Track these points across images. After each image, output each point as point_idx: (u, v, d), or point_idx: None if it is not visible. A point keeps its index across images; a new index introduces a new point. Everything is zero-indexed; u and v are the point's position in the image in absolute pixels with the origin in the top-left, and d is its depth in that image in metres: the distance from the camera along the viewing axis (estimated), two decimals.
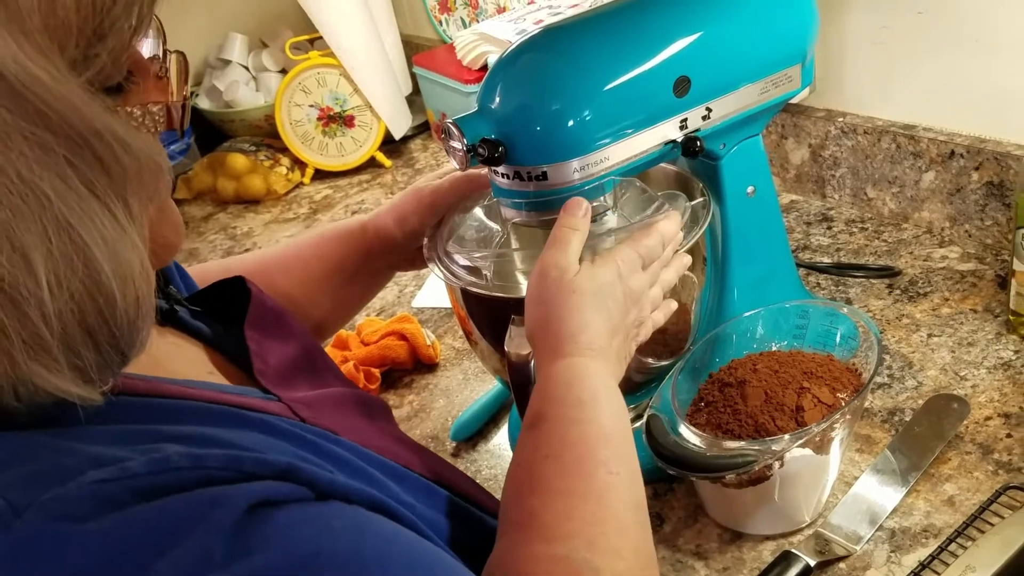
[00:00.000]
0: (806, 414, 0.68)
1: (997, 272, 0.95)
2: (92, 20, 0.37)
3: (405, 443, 0.62)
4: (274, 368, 0.57)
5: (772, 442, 0.65)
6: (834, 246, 1.06)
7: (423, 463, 0.58)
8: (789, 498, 0.70)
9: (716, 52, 0.70)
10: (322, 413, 0.54)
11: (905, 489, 0.71)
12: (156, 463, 0.38)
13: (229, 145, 1.57)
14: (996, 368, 0.83)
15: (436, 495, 0.56)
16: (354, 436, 0.54)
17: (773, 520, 0.71)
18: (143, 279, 0.40)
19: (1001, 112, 0.94)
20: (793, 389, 0.70)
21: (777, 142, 1.16)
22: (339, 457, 0.49)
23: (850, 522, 0.70)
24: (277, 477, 0.41)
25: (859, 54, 1.04)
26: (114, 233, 0.38)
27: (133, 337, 0.40)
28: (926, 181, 1.02)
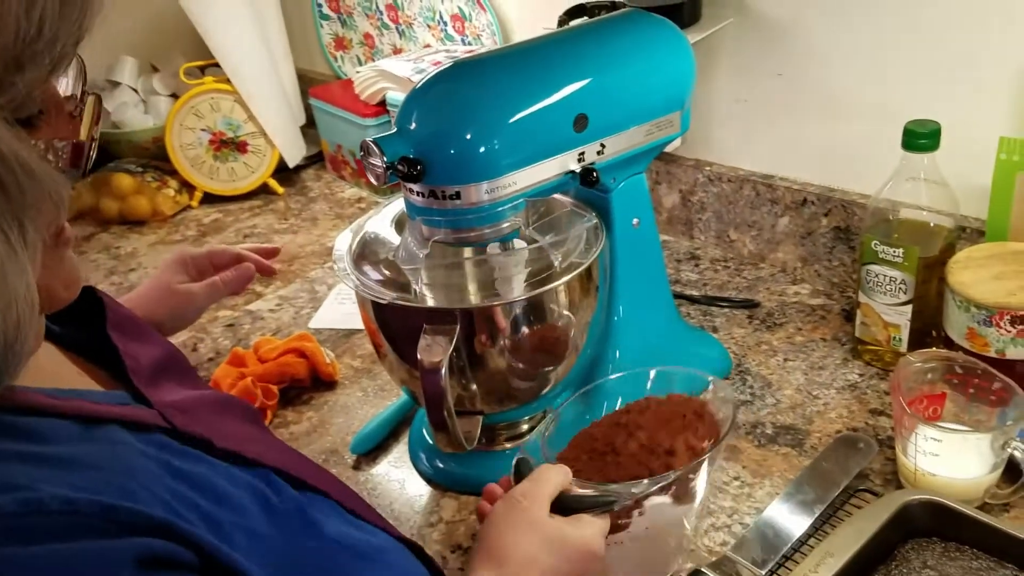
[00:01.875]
0: (675, 459, 0.69)
1: (843, 306, 1.07)
2: (12, 48, 0.37)
3: (283, 448, 0.62)
4: (145, 367, 0.56)
5: (631, 485, 0.67)
6: (701, 281, 1.16)
7: (303, 467, 0.58)
8: (650, 548, 0.72)
9: (610, 95, 0.78)
10: (197, 418, 0.53)
11: (811, 519, 0.75)
12: (28, 504, 0.37)
13: (115, 165, 1.56)
14: (844, 389, 0.93)
15: (318, 502, 0.55)
16: (230, 442, 0.52)
17: (638, 570, 0.73)
18: (27, 303, 0.39)
19: (847, 165, 1.06)
20: (670, 433, 0.72)
21: (652, 187, 1.26)
22: (206, 485, 0.47)
23: (757, 548, 0.74)
24: (154, 532, 0.40)
25: (724, 110, 1.16)
26: (4, 255, 0.38)
27: (8, 360, 0.40)
28: (781, 225, 1.14)
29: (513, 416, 0.86)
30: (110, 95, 1.61)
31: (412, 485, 0.88)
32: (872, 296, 0.92)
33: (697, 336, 1.00)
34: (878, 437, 0.86)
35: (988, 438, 0.75)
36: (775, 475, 0.83)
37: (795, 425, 0.89)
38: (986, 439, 0.75)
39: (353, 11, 1.60)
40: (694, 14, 1.07)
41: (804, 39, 1.04)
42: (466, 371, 0.77)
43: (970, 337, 0.84)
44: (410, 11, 1.49)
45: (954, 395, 0.81)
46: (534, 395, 0.82)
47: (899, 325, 0.91)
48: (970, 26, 0.91)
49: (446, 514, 0.84)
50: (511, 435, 0.88)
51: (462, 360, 0.76)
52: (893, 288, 0.90)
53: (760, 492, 0.82)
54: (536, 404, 0.85)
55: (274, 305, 1.21)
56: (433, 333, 0.72)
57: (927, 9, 0.93)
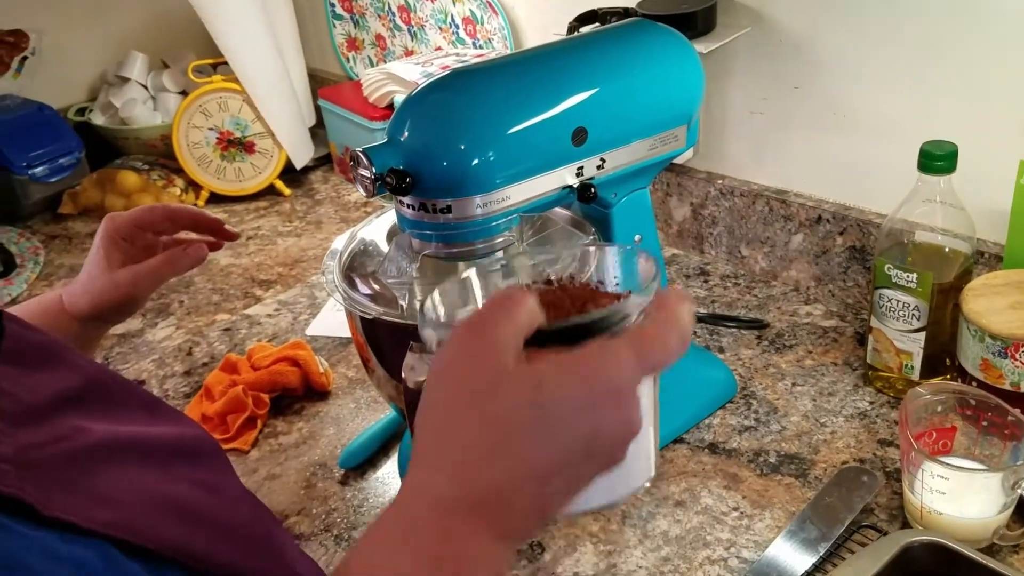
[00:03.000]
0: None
1: (856, 329, 1.03)
2: None
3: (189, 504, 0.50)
4: (37, 402, 0.48)
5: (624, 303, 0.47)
6: (710, 298, 1.13)
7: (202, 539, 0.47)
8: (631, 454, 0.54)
9: (612, 108, 0.75)
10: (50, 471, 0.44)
11: (814, 558, 0.73)
12: None
13: (121, 162, 1.54)
14: (853, 417, 0.90)
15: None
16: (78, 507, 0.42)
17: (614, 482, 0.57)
18: None
19: (864, 183, 1.03)
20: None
21: (662, 199, 1.23)
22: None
23: None
24: None
25: (739, 123, 1.12)
26: None
27: None
28: (795, 243, 1.10)
29: None
30: (118, 91, 1.60)
31: None
32: (884, 321, 0.88)
33: (702, 357, 0.96)
34: (886, 469, 0.82)
35: (998, 477, 0.71)
36: (776, 507, 0.80)
37: (800, 454, 0.86)
38: (996, 478, 0.71)
39: (365, 12, 1.58)
40: (708, 23, 1.04)
41: (821, 52, 1.00)
42: None
43: (984, 368, 0.80)
44: (422, 13, 1.47)
45: (966, 428, 0.78)
46: None
47: (911, 352, 0.88)
48: (992, 47, 0.87)
49: None
50: None
51: None
52: (906, 314, 0.86)
53: (759, 524, 0.78)
54: None
55: (272, 310, 1.19)
56: (420, 351, 0.69)
57: (948, 28, 0.89)
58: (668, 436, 0.89)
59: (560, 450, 0.40)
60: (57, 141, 1.51)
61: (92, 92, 1.72)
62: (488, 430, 0.40)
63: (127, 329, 1.18)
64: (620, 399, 0.41)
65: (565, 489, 0.42)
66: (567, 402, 0.40)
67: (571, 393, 0.40)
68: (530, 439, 0.40)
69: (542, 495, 0.41)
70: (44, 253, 1.41)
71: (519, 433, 0.40)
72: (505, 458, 0.40)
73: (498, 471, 0.40)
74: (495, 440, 0.40)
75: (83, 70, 1.71)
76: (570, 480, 0.42)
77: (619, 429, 0.42)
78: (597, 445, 0.41)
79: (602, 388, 0.40)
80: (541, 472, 0.40)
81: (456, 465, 0.41)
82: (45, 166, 1.49)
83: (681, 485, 0.83)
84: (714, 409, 0.92)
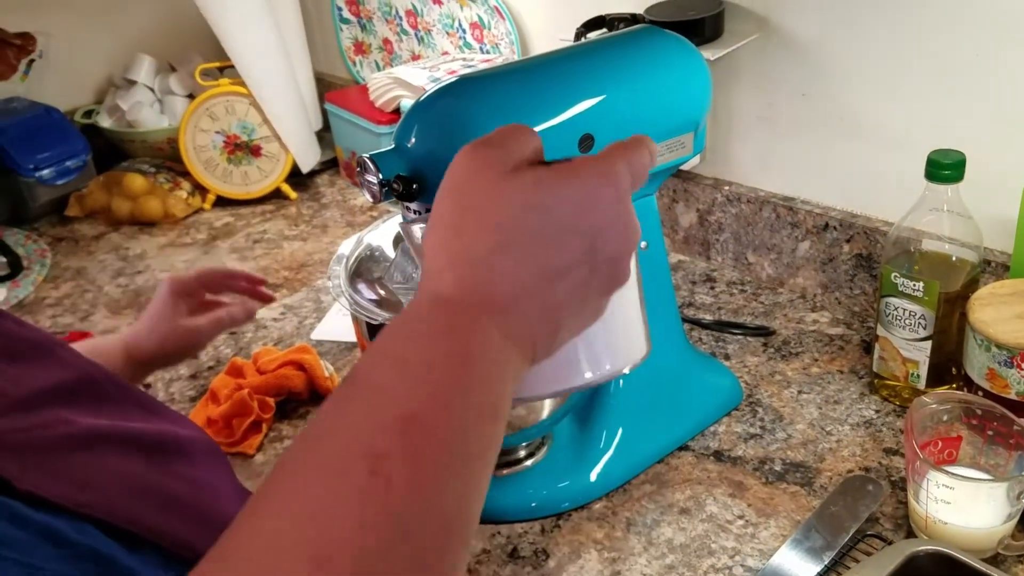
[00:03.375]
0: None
1: (863, 337, 1.03)
2: None
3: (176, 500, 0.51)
4: (21, 392, 0.50)
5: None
6: (716, 304, 1.13)
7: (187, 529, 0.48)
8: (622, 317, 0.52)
9: (619, 115, 0.75)
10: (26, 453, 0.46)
11: (819, 567, 0.73)
12: None
13: (128, 165, 1.55)
14: (859, 425, 0.90)
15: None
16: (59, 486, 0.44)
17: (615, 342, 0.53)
18: None
19: (871, 191, 1.03)
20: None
21: (668, 205, 1.23)
22: None
23: None
24: None
25: (746, 129, 1.12)
26: None
27: None
28: (802, 250, 1.10)
29: (509, 443, 0.83)
30: (126, 93, 1.61)
31: None
32: (891, 330, 0.88)
33: (707, 364, 0.96)
34: (891, 478, 0.82)
35: (1004, 487, 0.71)
36: (781, 515, 0.80)
37: (805, 462, 0.85)
38: (1001, 488, 0.71)
39: (373, 16, 1.59)
40: (716, 29, 1.04)
41: (829, 59, 1.00)
42: None
43: (990, 377, 0.80)
44: (429, 17, 1.47)
45: (971, 437, 0.78)
46: (530, 421, 0.80)
47: (918, 361, 0.88)
48: (1000, 56, 0.87)
49: None
50: (508, 461, 0.86)
51: None
52: (912, 323, 0.86)
53: (765, 533, 0.78)
54: (534, 430, 0.82)
55: (278, 314, 1.19)
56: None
57: (957, 36, 0.89)
58: (673, 443, 0.89)
59: (563, 250, 0.41)
60: (64, 144, 1.51)
61: (99, 95, 1.72)
62: (492, 232, 0.40)
63: None
64: (618, 200, 0.42)
65: (573, 298, 0.42)
66: (567, 200, 0.41)
67: (570, 192, 0.41)
68: (533, 237, 0.40)
69: (549, 298, 0.41)
70: (51, 255, 1.42)
71: (522, 232, 0.40)
72: (508, 257, 0.40)
73: (503, 269, 0.40)
74: (498, 240, 0.40)
75: (90, 73, 1.72)
76: (577, 287, 0.42)
77: (620, 233, 0.42)
78: (600, 249, 0.42)
79: (599, 187, 0.41)
80: (545, 271, 0.40)
81: (461, 267, 0.41)
82: (52, 168, 1.49)
83: (686, 492, 0.83)
84: (720, 416, 0.92)
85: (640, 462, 0.86)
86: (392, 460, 0.33)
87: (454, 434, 0.36)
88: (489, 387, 0.38)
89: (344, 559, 0.31)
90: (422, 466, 0.34)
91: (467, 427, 0.37)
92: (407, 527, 0.33)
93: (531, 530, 0.81)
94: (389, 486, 0.33)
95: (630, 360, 0.51)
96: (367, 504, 0.33)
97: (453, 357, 0.38)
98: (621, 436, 0.85)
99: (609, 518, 0.82)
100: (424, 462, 0.34)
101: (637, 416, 0.86)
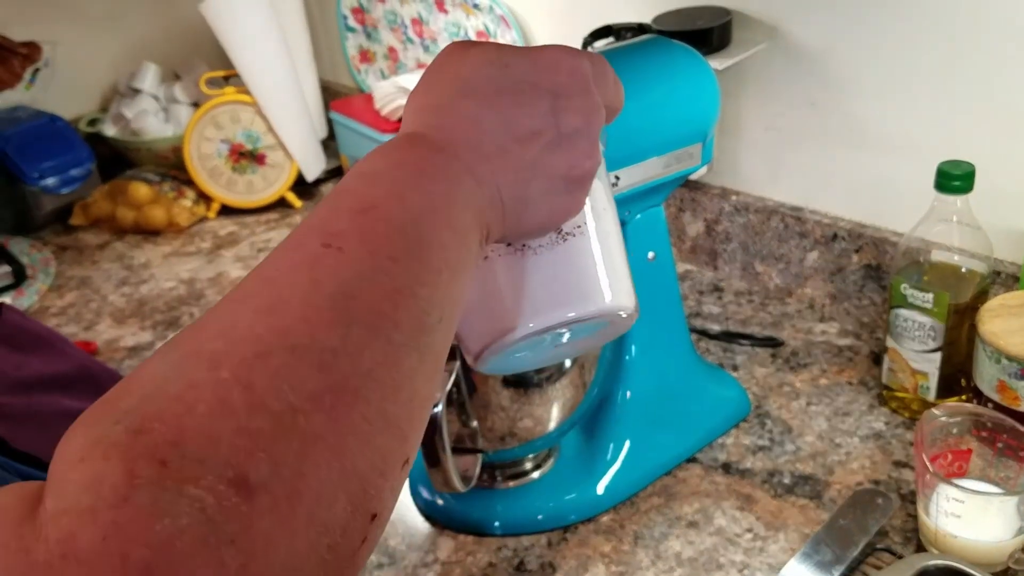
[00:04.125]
0: None
1: (872, 348, 1.02)
2: None
3: None
4: (22, 376, 0.54)
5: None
6: (723, 315, 1.12)
7: None
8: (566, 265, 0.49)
9: (626, 126, 0.74)
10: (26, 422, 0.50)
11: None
12: None
13: (132, 174, 1.55)
14: (868, 438, 0.89)
15: None
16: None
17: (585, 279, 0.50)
18: None
19: (880, 201, 1.02)
20: None
21: (675, 214, 1.22)
22: None
23: None
24: None
25: (754, 138, 1.12)
26: None
27: None
28: (810, 260, 1.10)
29: (515, 455, 0.83)
30: (131, 102, 1.61)
31: (410, 521, 0.85)
32: (900, 341, 0.88)
33: (715, 375, 0.95)
34: (901, 491, 0.82)
35: (1014, 501, 0.70)
36: (791, 529, 0.79)
37: (814, 475, 0.85)
38: (1011, 502, 0.70)
39: (378, 24, 1.58)
40: (724, 39, 1.03)
41: (838, 68, 1.00)
42: (466, 407, 0.74)
43: (1000, 390, 0.79)
44: (435, 26, 1.47)
45: (982, 449, 0.77)
46: (537, 433, 0.79)
47: (927, 373, 0.87)
48: (1010, 66, 0.86)
49: (442, 554, 0.81)
50: (513, 473, 0.85)
51: (462, 396, 0.73)
52: (922, 334, 0.85)
53: (774, 547, 0.77)
54: (539, 442, 0.81)
55: None
56: None
57: (966, 46, 0.88)
58: (682, 455, 0.88)
59: (523, 105, 0.42)
60: (69, 152, 1.51)
61: (104, 103, 1.72)
62: (455, 82, 0.43)
63: (137, 342, 1.18)
64: (578, 70, 0.44)
65: (539, 167, 0.43)
66: (527, 59, 0.43)
67: (530, 52, 0.43)
68: (494, 89, 0.42)
69: (513, 155, 0.42)
70: (55, 264, 1.41)
71: (483, 82, 0.42)
72: (471, 101, 0.42)
73: (466, 112, 0.42)
74: (460, 88, 0.42)
75: (95, 81, 1.72)
76: (542, 155, 0.43)
77: (582, 101, 0.44)
78: (561, 112, 0.43)
79: (559, 52, 0.44)
80: (507, 123, 0.42)
81: (427, 114, 0.43)
82: (56, 177, 1.49)
83: (694, 505, 0.83)
84: (728, 428, 0.91)
85: (648, 474, 0.86)
86: (345, 236, 0.34)
87: (410, 224, 0.36)
88: (449, 200, 0.39)
89: (292, 316, 0.31)
90: (374, 240, 0.35)
91: (422, 222, 0.37)
92: (356, 292, 0.33)
93: (538, 543, 0.81)
94: (340, 254, 0.33)
95: (620, 303, 0.50)
96: (316, 266, 0.33)
97: (411, 166, 0.39)
98: (628, 448, 0.85)
99: (616, 531, 0.81)
100: (376, 238, 0.35)
101: (644, 428, 0.86)
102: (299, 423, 0.28)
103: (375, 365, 0.31)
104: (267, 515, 0.26)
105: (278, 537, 0.26)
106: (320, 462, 0.28)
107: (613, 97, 0.48)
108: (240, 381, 0.28)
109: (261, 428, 0.27)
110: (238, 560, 0.25)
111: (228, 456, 0.26)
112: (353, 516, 0.29)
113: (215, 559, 0.25)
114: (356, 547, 0.30)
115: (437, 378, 0.37)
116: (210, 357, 0.29)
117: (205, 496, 0.25)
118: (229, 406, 0.27)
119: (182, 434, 0.26)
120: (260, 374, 0.28)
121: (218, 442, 0.26)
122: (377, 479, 0.31)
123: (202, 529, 0.25)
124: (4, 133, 1.48)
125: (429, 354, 0.35)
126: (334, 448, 0.29)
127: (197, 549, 0.25)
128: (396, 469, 0.32)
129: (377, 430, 0.31)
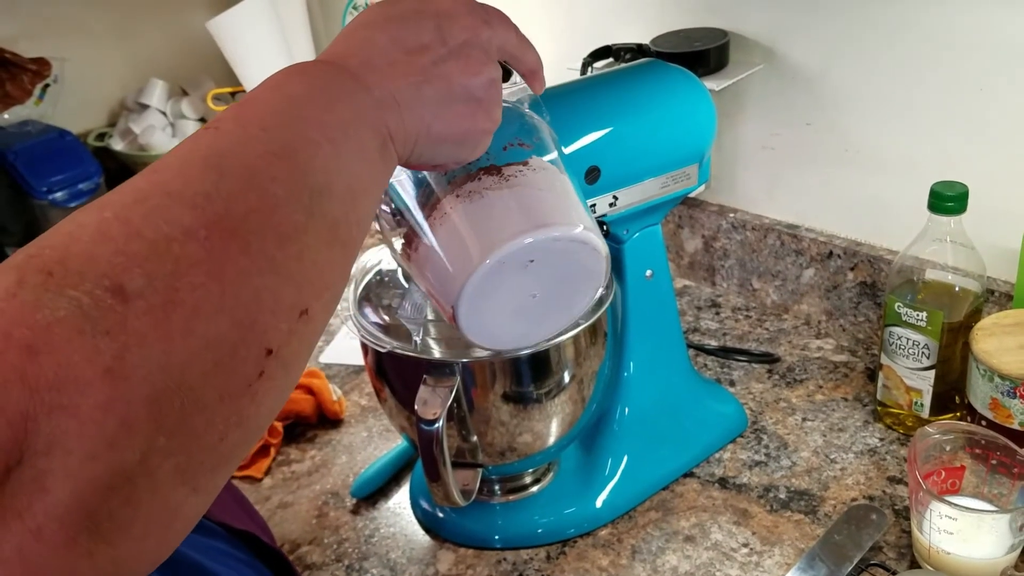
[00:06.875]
0: None
1: (867, 365, 1.04)
2: None
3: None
4: None
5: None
6: (721, 330, 1.13)
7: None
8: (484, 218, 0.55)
9: (625, 148, 0.76)
10: None
11: None
12: None
13: None
14: (863, 453, 0.90)
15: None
16: None
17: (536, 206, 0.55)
18: None
19: (875, 219, 1.04)
20: None
21: (674, 231, 1.24)
22: None
23: None
24: None
25: (751, 157, 1.13)
26: None
27: None
28: (806, 277, 1.11)
29: (515, 469, 0.84)
30: (138, 117, 1.63)
31: (411, 533, 0.86)
32: (894, 359, 0.89)
33: (712, 391, 0.97)
34: (895, 507, 0.83)
35: (1006, 518, 0.71)
36: (786, 544, 0.80)
37: (810, 490, 0.86)
38: (1004, 519, 0.71)
39: None
40: (721, 60, 1.05)
41: (833, 89, 1.01)
42: (466, 422, 0.76)
43: (993, 407, 0.80)
44: None
45: (975, 467, 0.78)
46: (536, 448, 0.80)
47: (921, 390, 0.88)
48: (1004, 87, 0.88)
49: (443, 567, 0.82)
50: (512, 488, 0.86)
51: (463, 411, 0.75)
52: (916, 352, 0.87)
53: (769, 561, 0.79)
54: (539, 457, 0.82)
55: None
56: (433, 385, 0.71)
57: (961, 68, 0.90)
58: (679, 469, 0.89)
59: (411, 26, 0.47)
60: (77, 166, 1.53)
61: (112, 118, 1.74)
62: (354, 23, 0.48)
63: None
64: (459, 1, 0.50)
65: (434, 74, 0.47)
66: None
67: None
68: (385, 19, 0.47)
69: (406, 65, 0.46)
70: None
71: (375, 16, 0.48)
72: (363, 30, 0.47)
73: (358, 38, 0.47)
74: (357, 23, 0.48)
75: (103, 96, 1.74)
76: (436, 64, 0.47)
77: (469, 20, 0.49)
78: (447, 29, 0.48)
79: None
80: (398, 42, 0.46)
81: (328, 49, 0.47)
82: (65, 191, 1.51)
83: (691, 520, 0.84)
84: (725, 443, 0.93)
85: (645, 489, 0.87)
86: (223, 119, 0.38)
87: (284, 104, 0.40)
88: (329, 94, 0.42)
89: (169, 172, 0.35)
90: (246, 117, 0.39)
91: (296, 103, 0.40)
92: (227, 151, 0.36)
93: (536, 556, 0.82)
94: (217, 131, 0.37)
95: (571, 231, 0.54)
96: (196, 142, 0.37)
97: (295, 72, 0.43)
98: (626, 463, 0.86)
99: (614, 545, 0.82)
100: (250, 116, 0.39)
101: (642, 443, 0.87)
102: (173, 248, 0.32)
103: (250, 211, 0.35)
104: (142, 317, 0.30)
105: (153, 337, 0.30)
106: (196, 283, 0.32)
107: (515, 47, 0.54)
108: (119, 218, 0.32)
109: (137, 251, 0.31)
110: (112, 349, 0.29)
111: (106, 270, 0.31)
112: (242, 342, 0.33)
113: (90, 345, 0.29)
114: (251, 377, 0.33)
115: (341, 249, 0.40)
116: (98, 205, 0.34)
117: (82, 297, 0.30)
118: (108, 235, 0.32)
119: (67, 254, 0.31)
120: (137, 212, 0.33)
121: (97, 260, 0.31)
122: (267, 316, 0.34)
123: (78, 321, 0.29)
124: (13, 148, 1.50)
125: (321, 218, 0.38)
126: (211, 273, 0.32)
127: (73, 335, 0.29)
128: (291, 313, 0.35)
129: (260, 269, 0.34)
